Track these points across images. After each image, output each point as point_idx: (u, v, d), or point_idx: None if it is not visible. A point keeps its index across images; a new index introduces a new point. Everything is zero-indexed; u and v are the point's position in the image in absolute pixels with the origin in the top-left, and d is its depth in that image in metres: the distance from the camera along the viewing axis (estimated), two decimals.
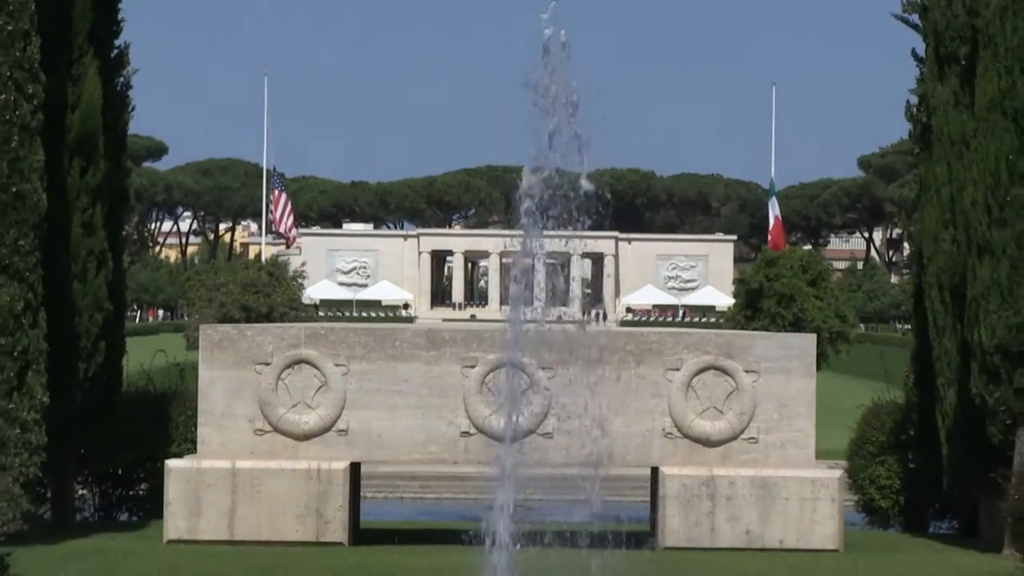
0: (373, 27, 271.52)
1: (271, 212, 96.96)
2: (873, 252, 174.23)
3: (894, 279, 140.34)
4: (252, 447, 24.80)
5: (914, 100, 27.95)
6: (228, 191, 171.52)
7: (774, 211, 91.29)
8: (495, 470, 15.47)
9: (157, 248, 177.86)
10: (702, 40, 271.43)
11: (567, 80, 14.66)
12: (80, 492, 28.32)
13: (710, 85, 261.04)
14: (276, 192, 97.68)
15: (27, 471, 23.37)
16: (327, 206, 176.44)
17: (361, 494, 26.40)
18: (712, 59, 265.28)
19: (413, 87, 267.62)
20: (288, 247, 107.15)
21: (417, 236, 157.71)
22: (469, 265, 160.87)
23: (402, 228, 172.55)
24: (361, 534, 25.38)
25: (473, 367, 24.89)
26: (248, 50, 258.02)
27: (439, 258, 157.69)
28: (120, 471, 28.58)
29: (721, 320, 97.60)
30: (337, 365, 24.93)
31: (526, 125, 14.75)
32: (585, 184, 14.74)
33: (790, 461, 24.75)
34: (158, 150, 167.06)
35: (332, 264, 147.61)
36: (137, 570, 21.78)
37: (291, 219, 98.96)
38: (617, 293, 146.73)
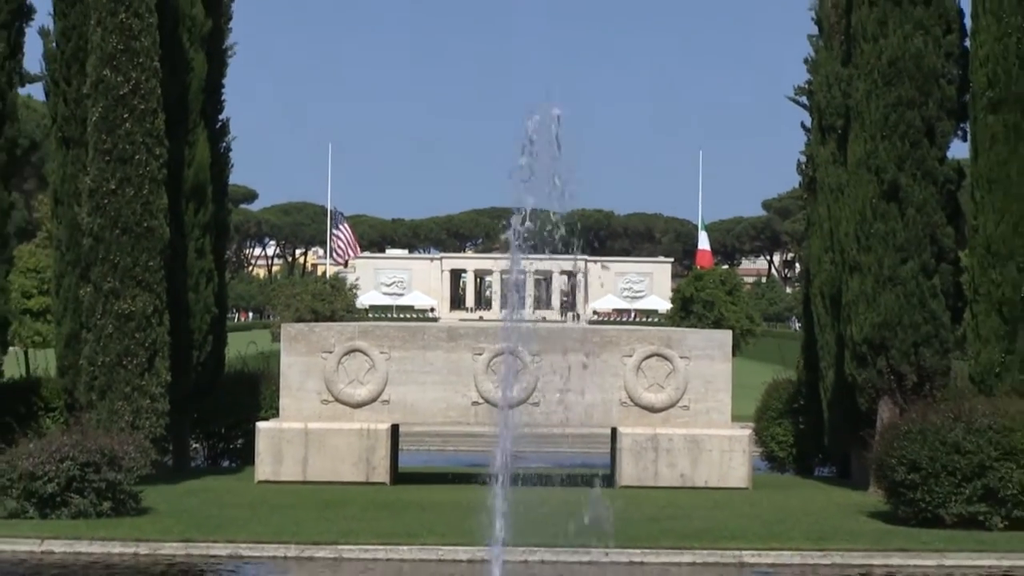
0: (407, 101, 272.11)
1: (337, 235, 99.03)
2: (773, 270, 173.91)
3: (788, 290, 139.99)
4: (319, 413, 24.81)
5: (803, 159, 28.00)
6: (302, 226, 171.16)
7: (704, 242, 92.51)
8: (496, 430, 15.45)
9: (250, 267, 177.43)
10: (650, 113, 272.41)
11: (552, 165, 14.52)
12: (193, 446, 28.32)
13: (657, 147, 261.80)
14: (349, 226, 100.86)
15: (155, 431, 23.42)
16: (374, 236, 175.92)
17: (399, 447, 26.37)
18: (658, 127, 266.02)
19: (439, 146, 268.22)
20: (345, 267, 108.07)
21: (440, 259, 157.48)
22: (478, 279, 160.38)
23: (429, 253, 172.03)
24: (399, 476, 25.37)
25: (481, 354, 24.92)
26: (317, 120, 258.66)
27: (456, 275, 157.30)
28: (223, 430, 28.60)
29: (662, 320, 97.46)
30: (382, 353, 24.95)
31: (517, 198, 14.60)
32: (561, 228, 14.68)
33: (713, 423, 24.77)
34: (251, 196, 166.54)
35: (378, 279, 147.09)
36: (235, 503, 21.77)
37: (355, 243, 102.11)
38: (586, 300, 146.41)
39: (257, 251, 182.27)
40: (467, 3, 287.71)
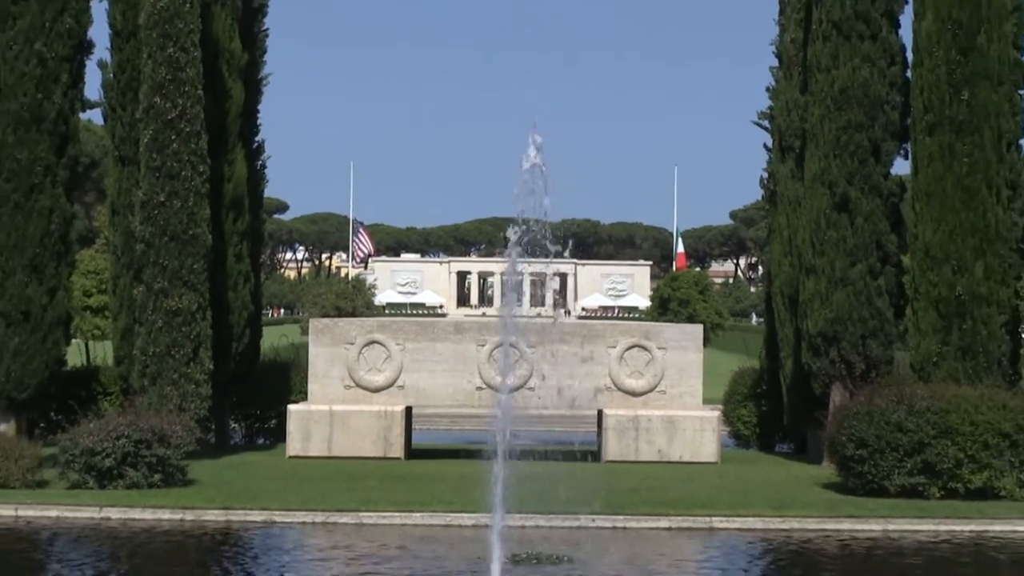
0: (419, 123, 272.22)
1: (359, 240, 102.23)
2: (739, 272, 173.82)
3: (752, 289, 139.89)
4: (343, 397, 24.81)
5: (765, 175, 28.01)
6: (327, 233, 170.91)
7: (679, 247, 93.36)
8: (497, 412, 15.45)
9: (282, 270, 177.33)
10: (633, 133, 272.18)
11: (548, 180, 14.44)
12: (233, 426, 28.31)
13: (638, 163, 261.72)
14: (368, 232, 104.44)
15: (199, 412, 23.42)
16: (390, 243, 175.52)
17: (412, 426, 26.37)
18: (639, 146, 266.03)
19: (448, 162, 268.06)
20: (365, 268, 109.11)
21: (448, 262, 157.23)
22: (481, 280, 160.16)
23: (439, 257, 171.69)
24: (413, 452, 25.36)
25: (484, 345, 24.91)
26: (341, 140, 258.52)
27: (462, 276, 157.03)
28: (259, 412, 28.55)
29: (642, 315, 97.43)
30: (397, 344, 24.95)
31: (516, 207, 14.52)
32: (550, 246, 14.62)
33: (686, 405, 24.77)
34: (283, 207, 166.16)
35: (394, 280, 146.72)
36: (269, 475, 21.78)
37: (372, 246, 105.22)
38: (575, 298, 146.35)
39: (288, 255, 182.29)
40: (470, 39, 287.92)
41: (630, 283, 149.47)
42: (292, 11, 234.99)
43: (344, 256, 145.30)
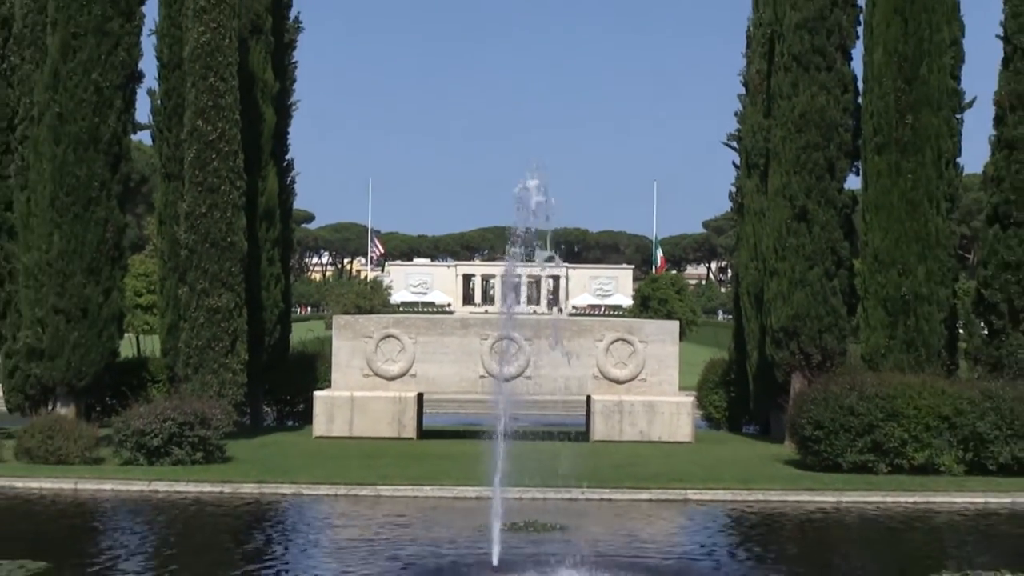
0: (428, 143, 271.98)
1: (375, 248, 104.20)
2: (711, 275, 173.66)
3: (722, 290, 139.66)
4: (362, 384, 24.83)
5: (734, 189, 28.04)
6: (349, 240, 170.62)
7: (659, 253, 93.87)
8: (498, 397, 15.47)
9: (308, 272, 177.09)
10: (618, 151, 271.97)
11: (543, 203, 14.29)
12: (266, 409, 28.35)
13: (622, 178, 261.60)
14: (381, 240, 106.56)
15: (236, 398, 23.47)
16: (404, 249, 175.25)
17: (424, 410, 26.39)
18: (624, 163, 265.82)
19: (455, 177, 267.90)
20: (382, 271, 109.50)
21: (455, 266, 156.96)
22: (484, 282, 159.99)
23: (447, 261, 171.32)
24: (424, 433, 25.39)
25: (487, 339, 24.93)
26: (362, 157, 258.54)
27: (467, 278, 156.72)
28: (288, 397, 28.63)
29: (626, 313, 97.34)
30: (410, 338, 24.96)
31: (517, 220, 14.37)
32: (543, 254, 14.52)
33: (664, 392, 24.79)
34: (309, 217, 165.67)
35: (407, 281, 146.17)
36: (298, 453, 21.80)
37: (384, 250, 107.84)
38: (567, 298, 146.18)
39: (314, 260, 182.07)
40: (473, 67, 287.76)
41: (615, 284, 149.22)
42: (319, 44, 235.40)
43: (363, 260, 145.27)
